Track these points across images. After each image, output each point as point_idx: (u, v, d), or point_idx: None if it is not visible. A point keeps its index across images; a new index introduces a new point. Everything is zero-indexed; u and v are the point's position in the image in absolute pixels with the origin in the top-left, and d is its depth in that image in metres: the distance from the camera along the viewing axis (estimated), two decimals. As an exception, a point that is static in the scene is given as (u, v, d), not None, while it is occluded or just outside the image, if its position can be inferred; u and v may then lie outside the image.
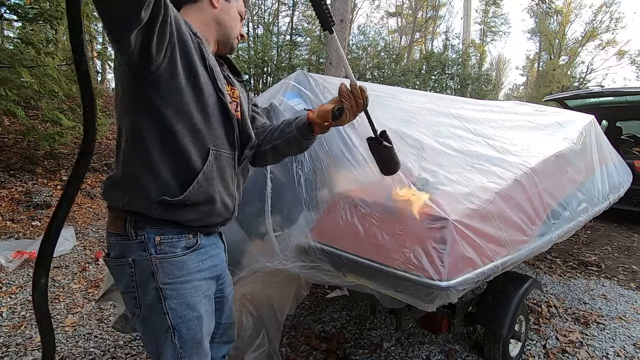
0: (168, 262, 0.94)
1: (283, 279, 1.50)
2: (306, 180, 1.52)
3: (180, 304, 0.95)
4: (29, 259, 3.07)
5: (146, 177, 0.91)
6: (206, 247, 1.02)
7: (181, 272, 0.95)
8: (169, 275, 0.94)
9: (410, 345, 2.12)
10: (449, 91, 14.08)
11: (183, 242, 0.96)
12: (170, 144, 0.91)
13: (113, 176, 0.96)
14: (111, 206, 0.97)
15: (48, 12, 4.43)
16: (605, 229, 4.85)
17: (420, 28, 21.06)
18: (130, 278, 0.94)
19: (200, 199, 0.95)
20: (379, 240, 1.30)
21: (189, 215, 0.95)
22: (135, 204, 0.92)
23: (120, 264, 0.95)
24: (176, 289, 0.94)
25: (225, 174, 1.01)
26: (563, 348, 2.15)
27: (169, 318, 0.94)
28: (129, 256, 0.93)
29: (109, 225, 0.99)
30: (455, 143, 1.76)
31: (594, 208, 2.45)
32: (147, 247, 0.93)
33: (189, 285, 0.96)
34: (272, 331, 1.60)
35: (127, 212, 0.93)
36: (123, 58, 0.83)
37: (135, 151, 0.91)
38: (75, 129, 4.89)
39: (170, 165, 0.92)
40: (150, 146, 0.90)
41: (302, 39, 14.06)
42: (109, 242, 0.99)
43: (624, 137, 5.91)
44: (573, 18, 20.34)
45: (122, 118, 0.92)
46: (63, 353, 2.00)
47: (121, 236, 0.95)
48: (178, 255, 0.95)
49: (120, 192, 0.93)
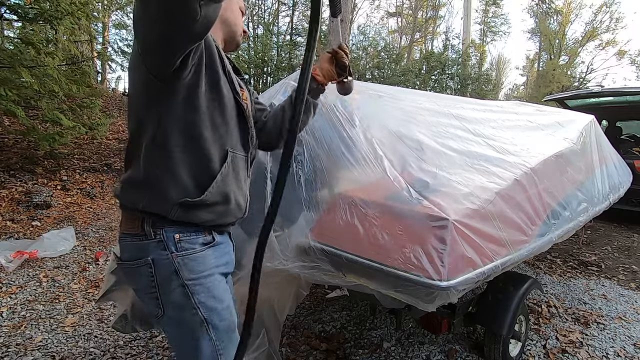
0: (189, 258, 0.94)
1: (283, 279, 1.50)
2: (306, 180, 1.52)
3: (208, 297, 0.95)
4: (29, 259, 3.07)
5: (167, 179, 0.91)
6: (220, 245, 1.03)
7: (204, 266, 0.96)
8: (193, 271, 0.94)
9: (410, 345, 2.12)
10: (449, 91, 14.06)
11: (200, 238, 0.97)
12: (194, 146, 0.92)
13: (131, 177, 0.94)
14: (128, 207, 0.95)
15: (48, 12, 4.44)
16: (605, 229, 4.85)
17: (420, 28, 21.05)
18: (149, 279, 0.93)
19: (217, 199, 0.96)
20: (379, 240, 1.30)
21: (206, 215, 0.96)
22: (155, 206, 0.92)
23: (137, 266, 0.94)
24: (201, 283, 0.95)
25: (239, 175, 1.04)
26: (563, 348, 2.15)
27: (201, 312, 0.94)
28: (147, 256, 0.92)
29: (124, 226, 0.97)
30: (455, 143, 1.75)
31: (594, 208, 2.45)
32: (167, 245, 0.92)
33: (212, 278, 0.97)
34: (272, 331, 1.59)
35: (146, 212, 0.93)
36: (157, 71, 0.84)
37: (158, 153, 0.91)
38: (75, 128, 4.89)
39: (190, 167, 0.92)
40: (174, 149, 0.90)
41: (302, 39, 14.05)
42: (123, 244, 0.97)
43: (624, 137, 5.91)
44: (573, 18, 20.33)
45: (143, 120, 0.91)
46: (63, 353, 2.00)
47: (138, 236, 0.94)
48: (197, 251, 0.96)
49: (139, 193, 0.92)
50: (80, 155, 5.86)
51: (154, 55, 0.82)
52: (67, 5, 4.51)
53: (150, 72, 0.84)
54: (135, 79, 0.90)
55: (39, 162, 5.14)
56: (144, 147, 0.91)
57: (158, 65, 0.83)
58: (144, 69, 0.85)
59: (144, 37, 0.80)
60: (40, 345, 2.06)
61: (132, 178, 0.94)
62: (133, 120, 0.93)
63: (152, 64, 0.83)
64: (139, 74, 0.87)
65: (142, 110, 0.91)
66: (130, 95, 0.93)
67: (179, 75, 0.85)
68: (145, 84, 0.87)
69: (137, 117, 0.92)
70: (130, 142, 0.95)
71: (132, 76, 0.91)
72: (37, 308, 2.44)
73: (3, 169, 4.67)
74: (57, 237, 3.37)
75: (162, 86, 0.86)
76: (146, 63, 0.84)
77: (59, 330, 2.22)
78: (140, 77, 0.88)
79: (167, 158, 0.90)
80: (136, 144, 0.93)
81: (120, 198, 0.97)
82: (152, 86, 0.86)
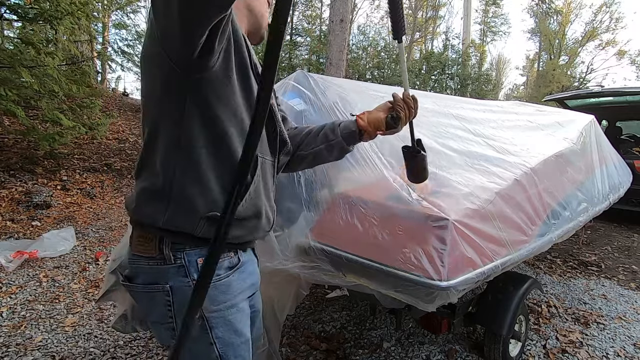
0: (213, 287, 0.81)
1: (283, 279, 1.50)
2: (306, 180, 1.52)
3: (227, 331, 0.85)
4: (29, 259, 3.07)
5: (194, 188, 0.79)
6: (246, 264, 0.92)
7: (226, 296, 0.84)
8: (214, 302, 0.83)
9: (410, 345, 2.12)
10: (449, 91, 14.07)
11: (226, 261, 0.86)
12: (221, 149, 0.80)
13: (148, 187, 0.81)
14: (144, 224, 0.83)
15: (48, 12, 4.44)
16: (605, 229, 4.85)
17: (420, 28, 21.05)
18: (166, 307, 0.82)
19: (249, 214, 0.85)
20: (379, 240, 1.30)
21: (236, 232, 0.85)
22: (179, 221, 0.80)
23: (152, 291, 0.82)
24: (222, 316, 0.84)
25: (268, 183, 0.92)
26: (563, 348, 2.15)
27: (217, 348, 0.84)
28: (165, 282, 0.81)
29: (136, 247, 0.84)
30: (455, 144, 1.75)
31: (594, 208, 2.45)
32: (189, 271, 0.81)
33: (234, 309, 0.86)
34: (272, 331, 1.59)
35: (165, 231, 0.80)
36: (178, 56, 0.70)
37: (181, 158, 0.78)
38: (75, 128, 4.89)
39: (219, 175, 0.80)
40: (199, 152, 0.78)
41: (302, 39, 14.06)
42: (134, 266, 0.85)
43: (624, 137, 5.91)
44: (573, 18, 20.34)
45: (161, 120, 0.79)
46: (63, 353, 2.00)
47: (154, 259, 0.82)
48: (222, 277, 0.84)
49: (159, 205, 0.80)
50: (80, 155, 5.86)
51: (174, 36, 0.67)
52: (67, 5, 4.51)
53: (170, 59, 0.71)
54: (152, 72, 0.77)
55: (39, 162, 5.14)
56: (163, 150, 0.79)
57: (180, 48, 0.69)
58: (164, 57, 0.71)
59: (163, 11, 0.65)
60: (40, 345, 2.06)
61: (150, 188, 0.81)
62: (149, 121, 0.81)
63: (173, 48, 0.70)
64: (157, 66, 0.74)
65: (161, 107, 0.78)
66: (146, 95, 0.81)
67: (205, 62, 0.72)
68: (165, 75, 0.74)
69: (153, 117, 0.80)
70: (146, 146, 0.81)
71: (147, 70, 0.79)
72: (37, 308, 2.44)
73: (3, 169, 4.67)
74: (57, 237, 3.37)
75: (188, 82, 0.74)
76: (165, 48, 0.70)
77: (59, 330, 2.22)
78: (158, 69, 0.75)
79: (192, 163, 0.78)
80: (152, 148, 0.80)
81: (135, 213, 0.84)
82: (173, 78, 0.73)
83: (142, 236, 0.84)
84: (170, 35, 0.68)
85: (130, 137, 7.35)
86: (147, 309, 0.87)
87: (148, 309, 0.87)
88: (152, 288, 0.82)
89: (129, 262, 0.87)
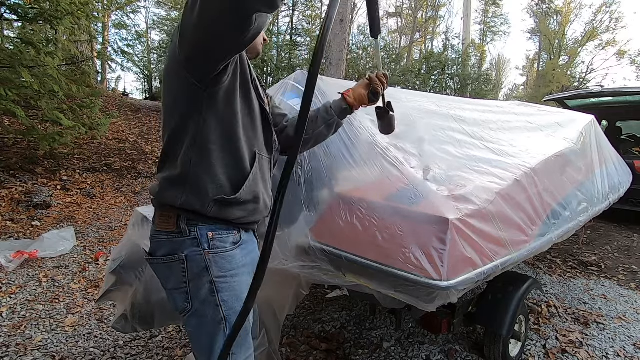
0: (220, 257, 0.99)
1: (283, 279, 1.50)
2: (306, 180, 1.52)
3: (231, 296, 1.00)
4: (29, 259, 3.07)
5: (206, 177, 0.97)
6: (247, 243, 1.08)
7: (231, 265, 1.01)
8: (222, 269, 0.99)
9: (410, 345, 2.12)
10: (449, 91, 14.06)
11: (231, 237, 1.03)
12: (230, 146, 0.99)
13: (170, 176, 1.00)
14: (166, 205, 1.00)
15: (48, 12, 4.44)
16: (605, 229, 4.85)
17: (420, 28, 21.05)
18: (182, 274, 0.98)
19: (248, 198, 1.03)
20: (379, 240, 1.30)
21: (239, 213, 1.02)
22: (194, 202, 0.97)
23: (171, 261, 0.99)
24: (227, 282, 1.00)
25: (265, 176, 1.11)
26: (563, 348, 2.15)
27: (222, 310, 0.99)
28: (181, 252, 0.98)
29: (159, 224, 1.02)
30: (453, 149, 1.76)
31: (594, 208, 2.45)
32: (201, 242, 0.98)
33: (238, 278, 1.02)
34: (272, 331, 1.59)
35: (183, 210, 0.98)
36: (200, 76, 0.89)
37: (198, 153, 0.97)
38: (75, 129, 4.89)
39: (226, 167, 0.99)
40: (212, 148, 0.97)
41: (302, 39, 14.06)
42: (157, 240, 1.02)
43: (624, 137, 5.91)
44: (573, 18, 20.33)
45: (183, 123, 0.96)
46: (63, 353, 2.00)
47: (173, 233, 0.99)
48: (228, 250, 1.01)
49: (178, 190, 0.98)
50: (80, 155, 5.85)
51: (201, 63, 0.87)
52: (67, 5, 4.51)
53: (193, 78, 0.90)
54: (175, 86, 0.96)
55: (39, 162, 5.14)
56: (184, 147, 0.97)
57: (203, 72, 0.89)
58: (185, 76, 0.90)
59: (194, 44, 0.84)
60: (40, 345, 2.06)
61: (172, 176, 1.00)
62: (171, 123, 0.98)
63: (197, 71, 0.89)
64: (179, 81, 0.93)
65: (182, 114, 0.96)
66: (168, 103, 0.99)
67: (219, 79, 0.92)
68: (187, 89, 0.93)
69: (175, 121, 0.97)
70: (168, 143, 1.00)
71: (170, 83, 0.98)
72: (37, 308, 2.44)
73: (3, 169, 4.67)
74: (57, 237, 3.37)
75: (203, 90, 0.92)
76: (189, 70, 0.89)
77: (59, 330, 2.22)
78: (180, 83, 0.93)
79: (206, 157, 0.97)
80: (174, 145, 0.99)
81: (158, 196, 1.01)
82: (194, 91, 0.92)
83: (164, 215, 1.01)
84: (197, 61, 0.88)
85: (130, 137, 7.35)
86: (165, 278, 1.03)
87: (166, 278, 1.02)
88: (171, 259, 0.99)
89: (151, 238, 1.05)
